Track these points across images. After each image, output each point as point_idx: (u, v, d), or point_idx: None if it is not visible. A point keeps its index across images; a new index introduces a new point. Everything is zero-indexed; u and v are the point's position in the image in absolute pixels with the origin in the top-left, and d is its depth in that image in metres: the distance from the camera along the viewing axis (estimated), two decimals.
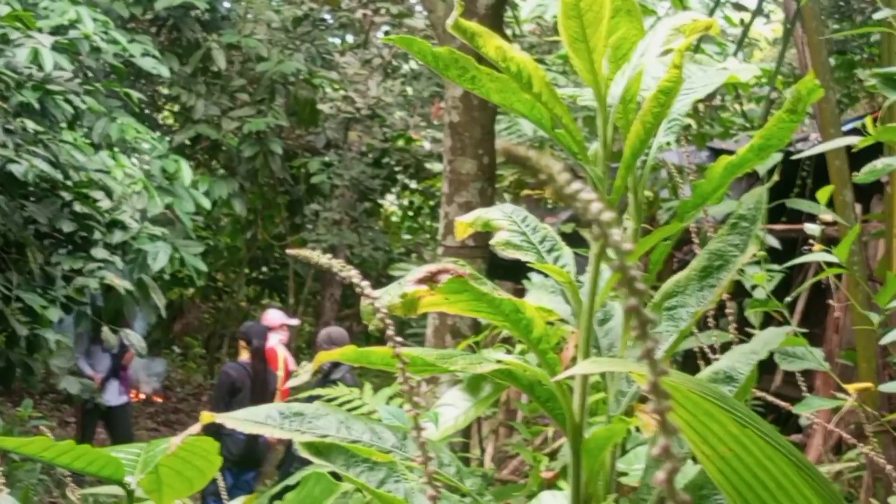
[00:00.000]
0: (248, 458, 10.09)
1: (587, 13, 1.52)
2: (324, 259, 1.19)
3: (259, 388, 10.37)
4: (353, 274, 1.17)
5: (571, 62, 1.61)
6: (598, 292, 1.59)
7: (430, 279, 1.47)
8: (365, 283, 1.19)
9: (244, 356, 10.59)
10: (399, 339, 1.18)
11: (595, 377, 1.74)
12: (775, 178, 1.78)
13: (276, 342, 11.17)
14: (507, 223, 1.69)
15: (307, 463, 5.56)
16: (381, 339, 1.69)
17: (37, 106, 9.61)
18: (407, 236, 20.81)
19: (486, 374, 1.62)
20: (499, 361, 1.58)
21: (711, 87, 1.75)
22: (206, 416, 1.55)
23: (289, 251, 1.35)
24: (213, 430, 1.72)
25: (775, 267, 3.57)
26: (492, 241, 1.67)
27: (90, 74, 12.06)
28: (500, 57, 1.56)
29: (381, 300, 1.46)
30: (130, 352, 12.20)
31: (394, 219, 21.21)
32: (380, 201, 19.07)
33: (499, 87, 1.63)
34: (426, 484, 1.13)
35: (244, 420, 1.56)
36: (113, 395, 12.21)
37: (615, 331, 1.73)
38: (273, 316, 11.67)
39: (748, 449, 1.19)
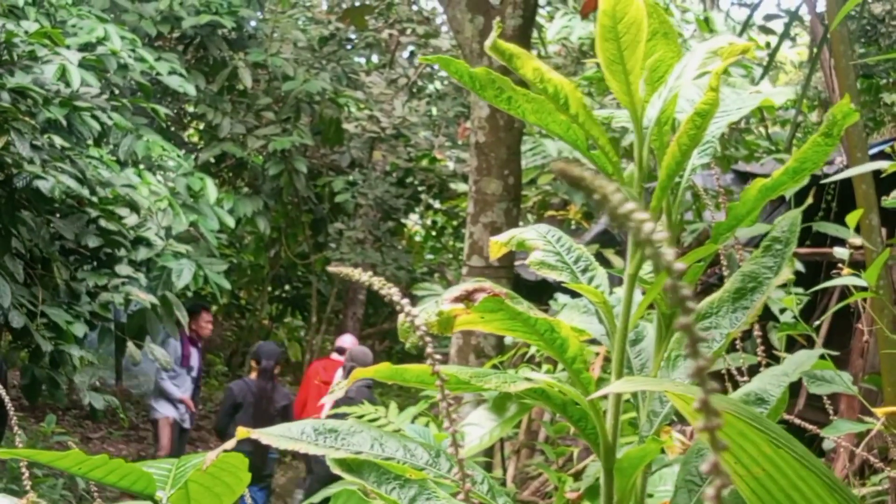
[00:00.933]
0: (255, 473, 10.12)
1: (624, 36, 1.53)
2: (364, 276, 1.21)
3: (263, 405, 10.44)
4: (393, 292, 1.18)
5: (608, 84, 1.62)
6: (631, 312, 1.60)
7: (466, 298, 1.48)
8: (405, 301, 1.20)
9: (254, 374, 10.70)
10: (438, 356, 1.19)
11: (624, 397, 1.74)
12: (809, 201, 1.78)
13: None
14: (541, 243, 1.70)
15: (329, 480, 5.56)
16: (402, 359, 1.69)
17: (64, 122, 9.65)
18: (430, 256, 20.82)
19: (514, 393, 1.62)
20: (529, 380, 1.58)
21: (746, 110, 1.75)
22: (242, 432, 1.56)
23: (330, 267, 1.36)
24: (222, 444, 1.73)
25: (801, 291, 3.57)
26: (527, 261, 1.67)
27: (117, 91, 12.12)
28: (538, 78, 1.57)
29: (419, 317, 1.47)
30: None
31: (417, 238, 21.23)
32: (403, 221, 19.09)
33: (535, 108, 1.64)
34: (463, 501, 1.14)
35: (280, 436, 1.57)
36: (188, 418, 12.36)
37: (647, 351, 1.73)
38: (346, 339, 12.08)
39: (781, 469, 1.20)
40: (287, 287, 20.09)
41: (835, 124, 1.58)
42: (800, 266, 4.53)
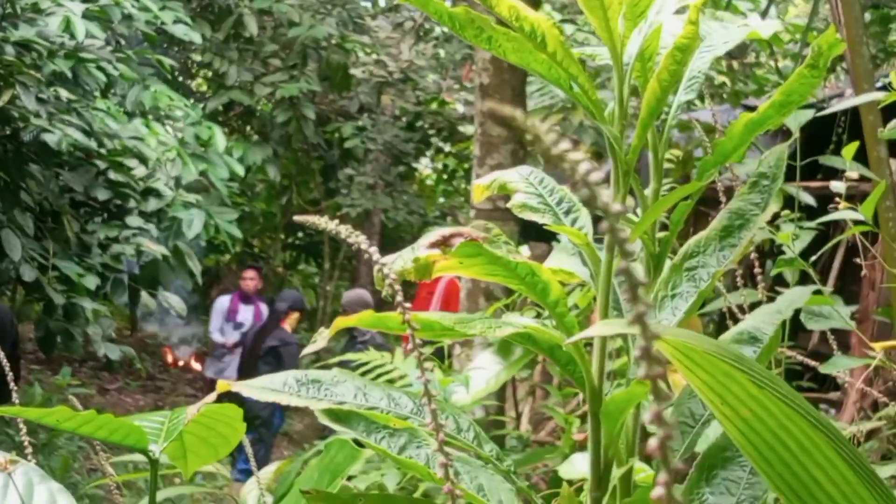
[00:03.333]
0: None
1: None
2: (331, 225, 1.18)
3: (254, 347, 10.50)
4: (361, 240, 1.16)
5: (588, 20, 1.59)
6: (616, 253, 1.57)
7: (442, 243, 1.46)
8: (373, 249, 1.17)
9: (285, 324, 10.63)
10: (406, 304, 1.17)
11: (619, 340, 1.72)
12: (796, 135, 1.75)
13: None
14: (523, 185, 1.67)
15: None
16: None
17: (69, 75, 9.63)
18: (442, 199, 20.79)
19: (506, 337, 1.60)
20: (514, 324, 1.56)
21: (731, 43, 1.72)
22: (223, 385, 1.55)
23: (296, 217, 1.33)
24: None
25: (809, 224, 3.54)
26: (509, 204, 1.65)
27: (122, 42, 12.08)
28: (513, 16, 1.53)
29: (395, 265, 1.45)
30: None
31: (428, 182, 21.19)
32: (414, 165, 19.05)
33: (515, 47, 1.61)
34: (437, 451, 1.12)
35: (262, 388, 1.56)
36: (234, 375, 12.31)
37: None
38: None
39: (768, 409, 1.17)
40: (300, 234, 20.09)
41: (820, 55, 1.55)
42: (811, 200, 4.49)
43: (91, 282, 9.64)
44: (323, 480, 1.99)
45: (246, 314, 12.45)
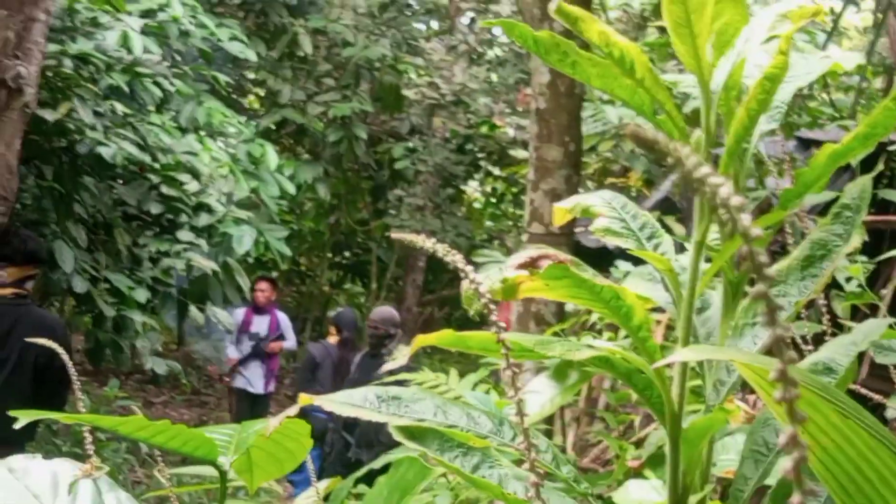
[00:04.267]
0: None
1: None
2: (428, 242, 1.19)
3: (342, 372, 10.42)
4: (457, 258, 1.17)
5: (674, 48, 1.59)
6: (697, 280, 1.57)
7: (530, 265, 1.47)
8: (470, 268, 1.18)
9: (331, 339, 10.64)
10: (502, 324, 1.18)
11: (690, 366, 1.72)
12: (880, 167, 1.75)
13: None
14: (606, 210, 1.68)
15: (377, 447, 5.61)
16: (462, 325, 1.68)
17: (126, 89, 9.71)
18: (489, 223, 20.79)
19: (577, 361, 1.61)
20: (593, 347, 1.57)
21: (814, 74, 1.72)
22: (304, 398, 1.56)
23: (394, 234, 1.34)
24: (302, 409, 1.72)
25: (864, 259, 3.52)
26: (592, 227, 1.66)
27: (178, 58, 12.17)
28: (604, 42, 1.54)
29: (483, 284, 1.46)
30: (279, 343, 12.50)
31: (476, 205, 21.19)
32: (463, 187, 19.08)
33: (600, 73, 1.62)
34: (529, 470, 1.13)
35: (342, 403, 1.56)
36: (258, 383, 12.41)
37: (713, 320, 1.71)
38: None
39: (850, 440, 1.17)
40: (347, 254, 20.15)
41: None
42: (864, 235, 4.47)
43: (141, 295, 9.71)
44: (392, 498, 2.00)
45: (261, 325, 12.54)
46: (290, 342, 13.13)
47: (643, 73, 1.55)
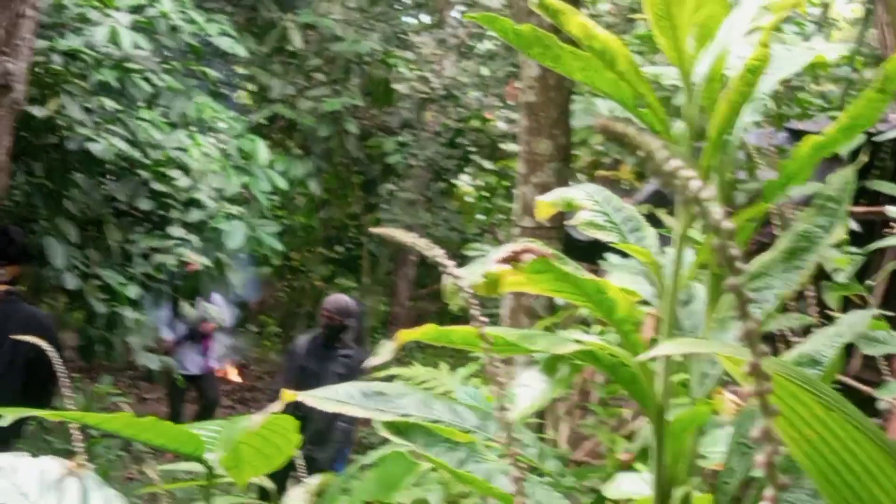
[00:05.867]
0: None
1: None
2: (408, 237, 1.19)
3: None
4: (438, 253, 1.16)
5: (655, 40, 1.59)
6: (681, 273, 1.57)
7: (513, 259, 1.46)
8: (450, 262, 1.18)
9: None
10: (484, 318, 1.18)
11: (675, 359, 1.72)
12: (864, 158, 1.75)
13: None
14: (589, 203, 1.68)
15: (330, 445, 5.64)
16: (455, 320, 1.68)
17: (115, 85, 9.69)
18: (481, 217, 20.76)
19: (565, 354, 1.60)
20: (578, 342, 1.56)
21: (798, 66, 1.72)
22: (288, 395, 1.55)
23: (372, 229, 1.34)
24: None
25: (855, 250, 3.52)
26: (573, 221, 1.65)
27: (168, 53, 12.14)
28: (584, 34, 1.54)
29: (464, 279, 1.46)
30: (210, 323, 12.55)
31: (468, 199, 21.15)
32: (454, 181, 19.07)
33: (582, 66, 1.62)
34: (511, 465, 1.12)
35: (325, 398, 1.56)
36: (193, 364, 12.51)
37: (698, 312, 1.71)
38: None
39: (834, 432, 1.17)
40: (339, 248, 20.11)
41: (888, 79, 1.55)
42: (854, 225, 4.47)
43: (133, 291, 9.68)
44: (380, 492, 2.00)
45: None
46: (227, 319, 13.18)
47: (624, 66, 1.55)
